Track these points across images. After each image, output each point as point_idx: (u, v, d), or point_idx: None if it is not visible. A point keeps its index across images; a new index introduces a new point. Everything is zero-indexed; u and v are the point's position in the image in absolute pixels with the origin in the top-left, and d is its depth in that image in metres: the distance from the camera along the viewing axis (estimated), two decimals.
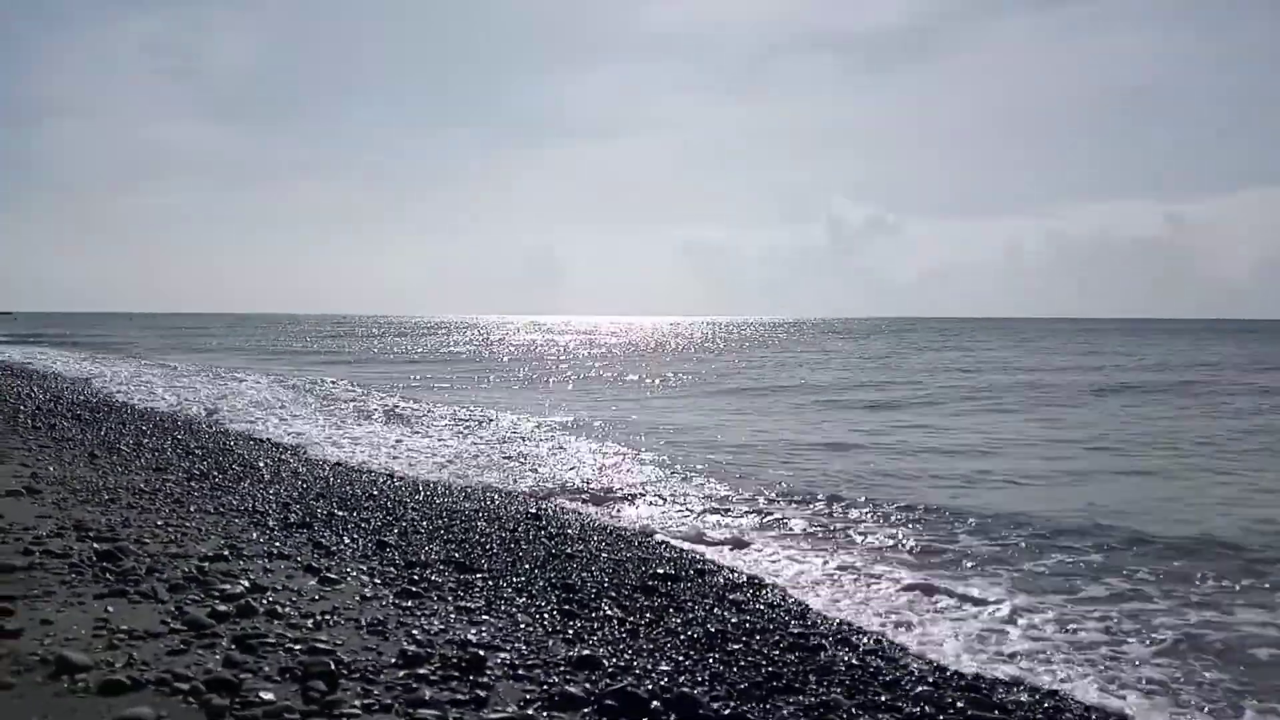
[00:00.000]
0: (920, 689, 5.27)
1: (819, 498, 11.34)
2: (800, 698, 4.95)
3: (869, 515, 10.48)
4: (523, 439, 16.74)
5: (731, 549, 8.89)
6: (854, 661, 5.72)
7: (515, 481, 12.17)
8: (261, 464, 12.40)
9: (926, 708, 4.97)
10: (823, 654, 5.86)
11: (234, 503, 9.29)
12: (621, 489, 11.83)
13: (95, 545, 6.76)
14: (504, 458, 14.29)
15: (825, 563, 8.41)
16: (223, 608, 5.44)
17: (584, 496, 11.37)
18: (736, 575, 7.80)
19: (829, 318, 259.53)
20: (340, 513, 9.08)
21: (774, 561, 8.47)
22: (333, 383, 28.80)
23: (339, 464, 13.03)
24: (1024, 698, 5.39)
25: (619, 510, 10.68)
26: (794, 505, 10.96)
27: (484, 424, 18.96)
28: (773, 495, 11.50)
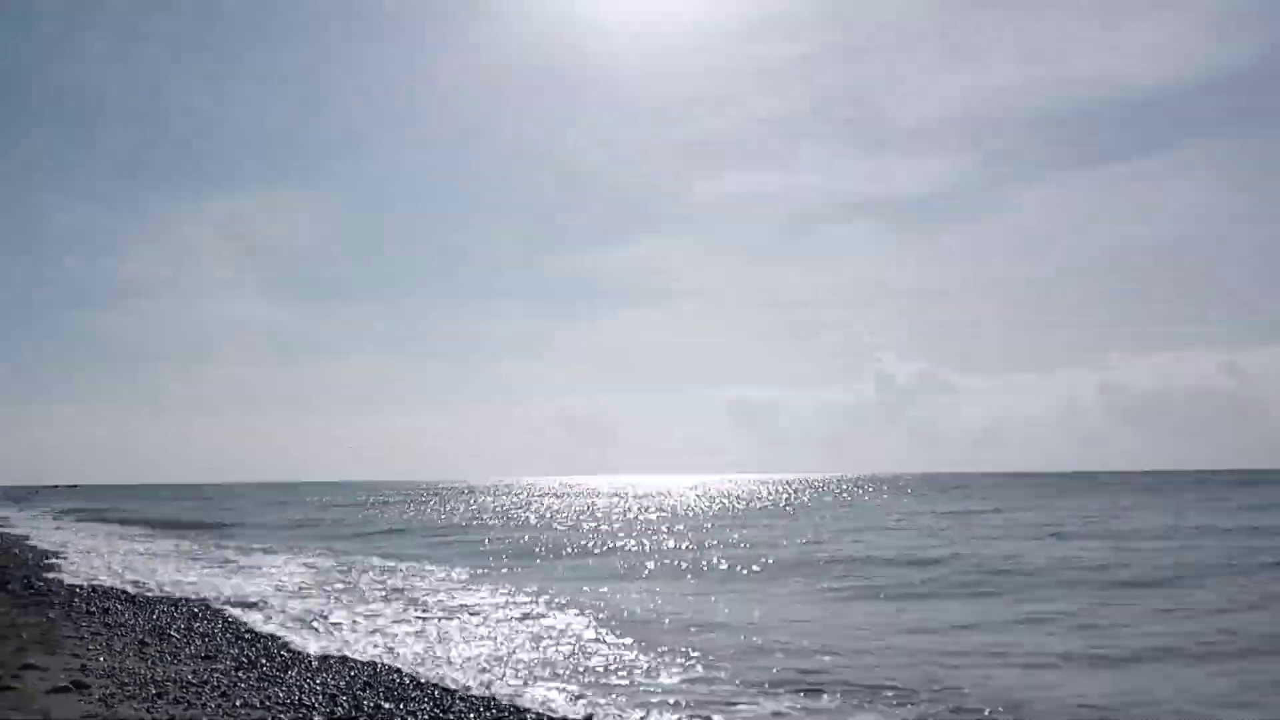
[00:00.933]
0: None
1: None
2: None
3: None
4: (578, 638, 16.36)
5: None
6: None
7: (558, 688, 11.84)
8: (311, 650, 12.26)
9: None
10: None
11: (280, 695, 9.13)
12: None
13: None
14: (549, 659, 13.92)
15: None
16: None
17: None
18: None
19: (880, 473, 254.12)
20: (387, 705, 8.87)
21: None
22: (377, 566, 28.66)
23: (390, 647, 12.82)
24: None
25: None
26: None
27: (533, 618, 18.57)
28: None
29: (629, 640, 13.26)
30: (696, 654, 12.24)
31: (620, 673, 11.22)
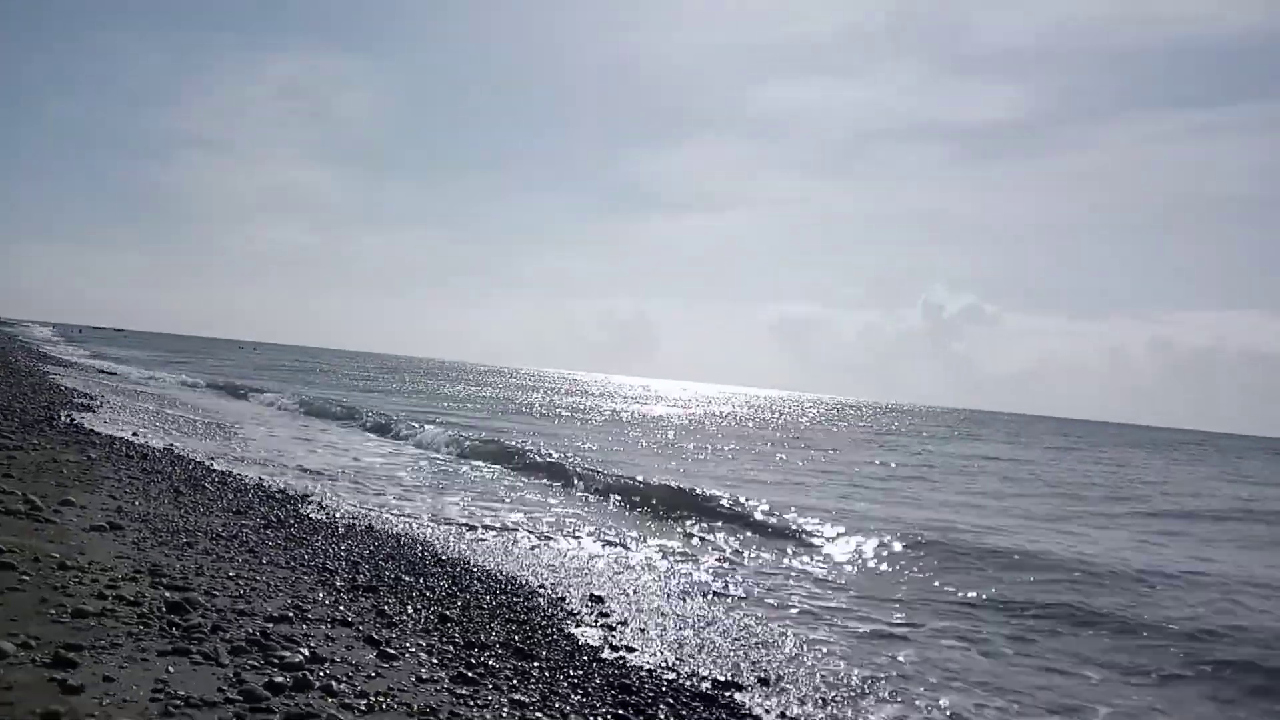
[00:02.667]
0: None
1: None
2: None
3: None
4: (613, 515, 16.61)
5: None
6: None
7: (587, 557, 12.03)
8: (339, 514, 12.55)
9: None
10: None
11: (306, 556, 9.38)
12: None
13: (166, 594, 6.87)
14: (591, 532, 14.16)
15: None
16: (280, 679, 5.43)
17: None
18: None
19: (919, 404, 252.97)
20: (407, 578, 9.09)
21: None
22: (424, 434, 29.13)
23: (412, 519, 13.08)
24: None
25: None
26: None
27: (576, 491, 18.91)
28: None
29: None
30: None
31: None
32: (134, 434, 18.74)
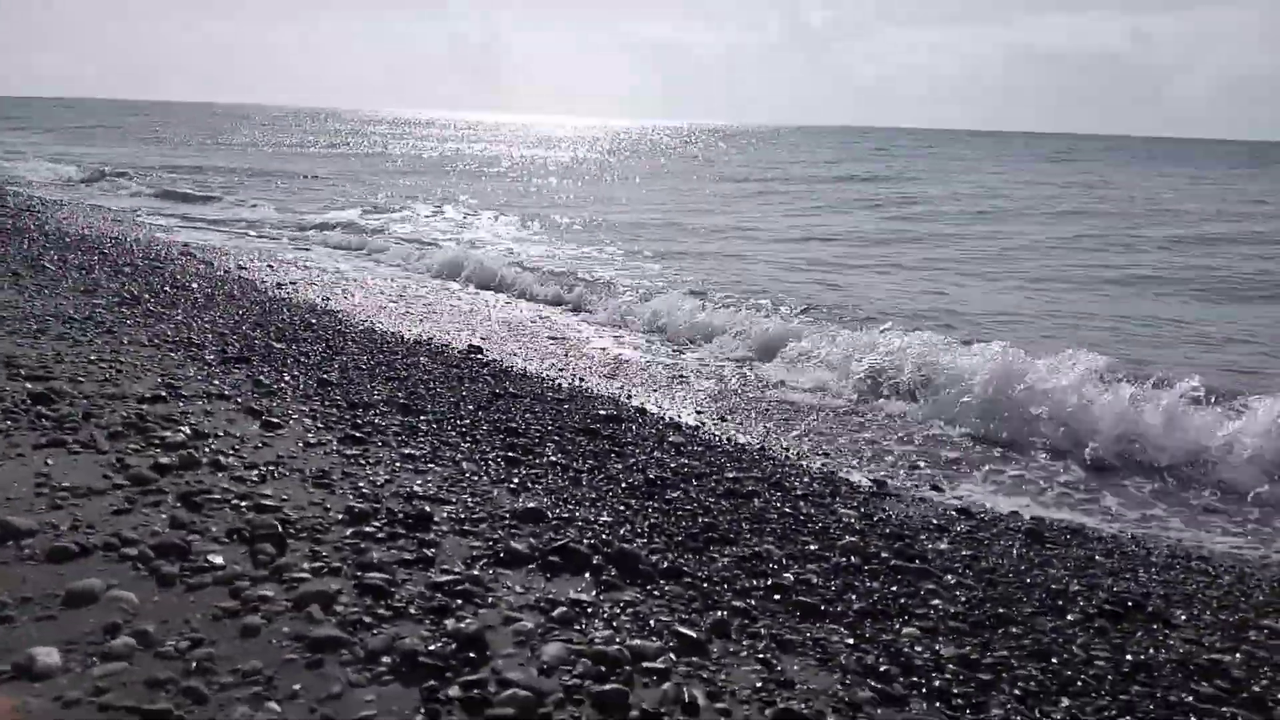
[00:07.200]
0: (847, 539, 5.56)
1: None
2: (734, 549, 5.19)
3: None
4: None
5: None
6: (786, 509, 5.99)
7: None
8: (194, 285, 12.15)
9: (853, 558, 5.25)
10: (756, 500, 6.12)
11: (168, 332, 9.14)
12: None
13: (28, 385, 6.65)
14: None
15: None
16: (165, 459, 5.43)
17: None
18: (675, 415, 8.00)
19: (784, 124, 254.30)
20: (279, 345, 9.00)
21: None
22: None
23: (278, 285, 12.80)
24: (944, 546, 5.73)
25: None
26: None
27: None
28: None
29: None
30: None
31: None
32: None
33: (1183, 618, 5.00)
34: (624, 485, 6.08)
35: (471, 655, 3.65)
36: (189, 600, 3.89)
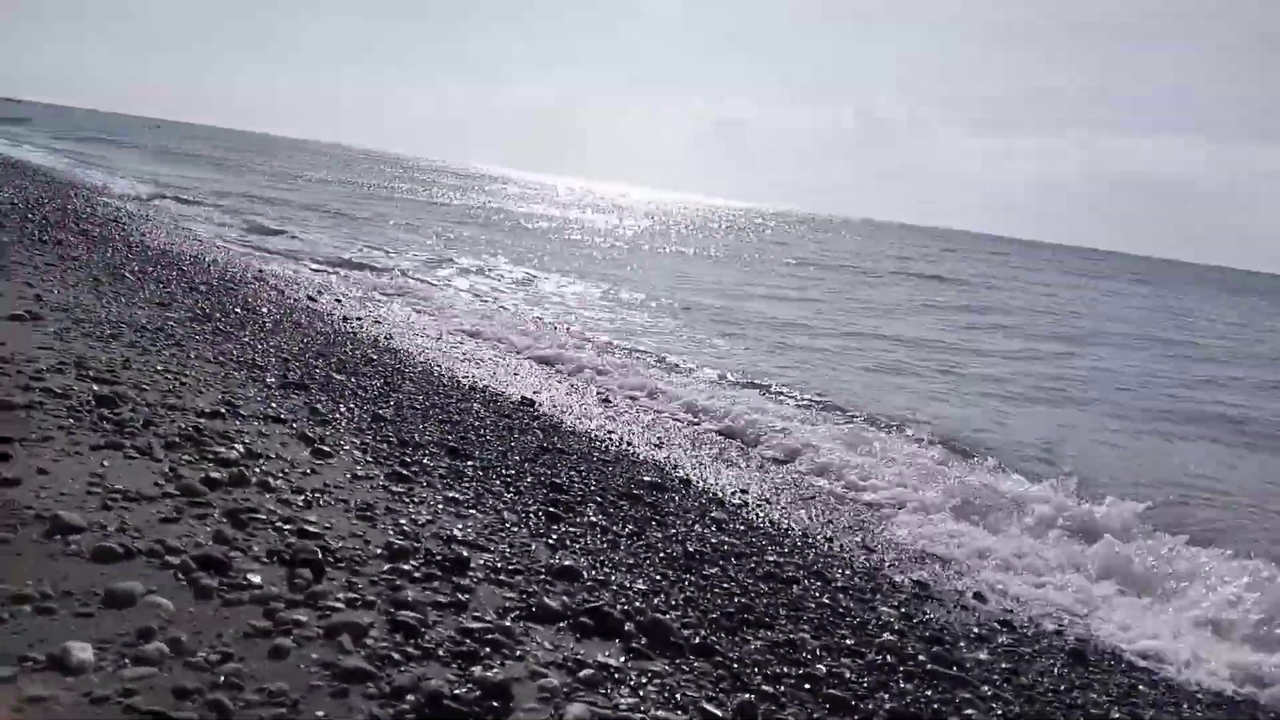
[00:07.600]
0: (886, 637, 5.43)
1: None
2: (768, 633, 5.10)
3: None
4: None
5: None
6: (825, 600, 5.88)
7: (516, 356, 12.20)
8: (264, 310, 12.43)
9: (890, 657, 5.12)
10: (795, 587, 6.01)
11: (234, 351, 9.33)
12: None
13: (94, 387, 6.81)
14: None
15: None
16: (216, 474, 5.51)
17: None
18: (719, 490, 7.93)
19: (853, 218, 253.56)
20: (338, 376, 9.14)
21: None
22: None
23: (345, 319, 13.04)
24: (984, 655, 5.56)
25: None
26: None
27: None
28: None
29: None
30: None
31: None
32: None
33: None
34: (662, 555, 6.02)
35: (495, 704, 3.61)
36: (224, 615, 3.91)
